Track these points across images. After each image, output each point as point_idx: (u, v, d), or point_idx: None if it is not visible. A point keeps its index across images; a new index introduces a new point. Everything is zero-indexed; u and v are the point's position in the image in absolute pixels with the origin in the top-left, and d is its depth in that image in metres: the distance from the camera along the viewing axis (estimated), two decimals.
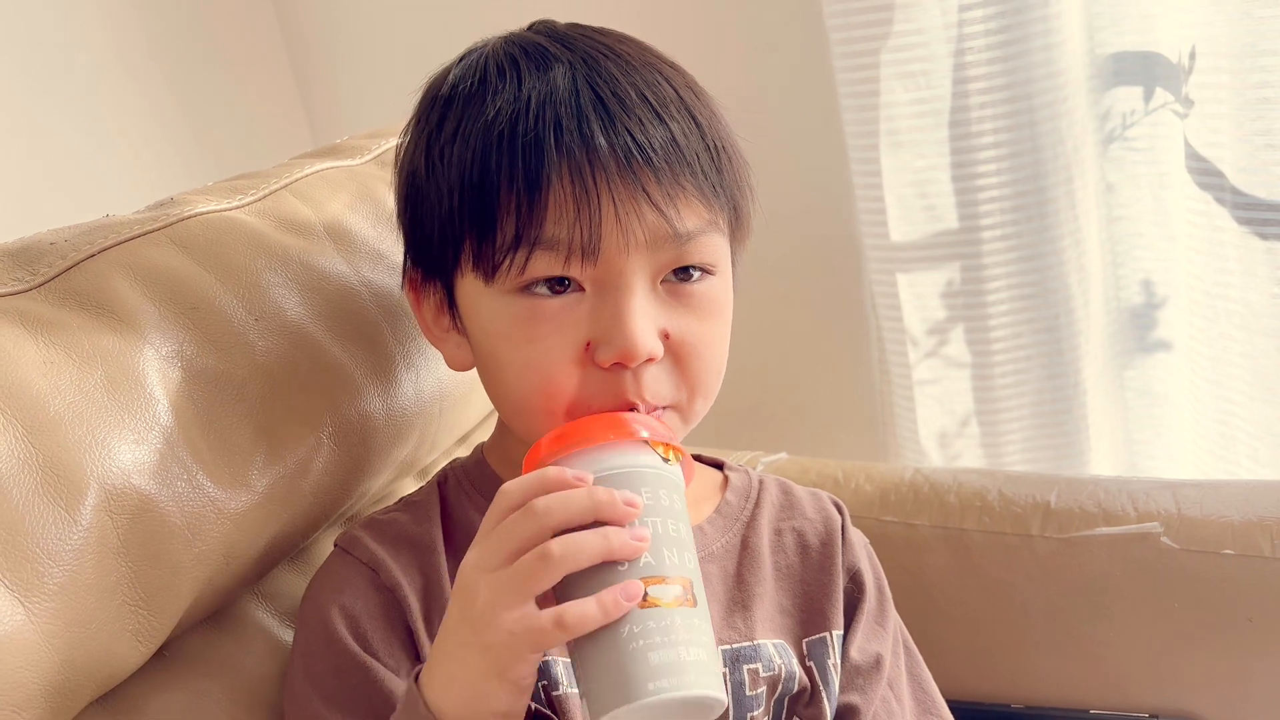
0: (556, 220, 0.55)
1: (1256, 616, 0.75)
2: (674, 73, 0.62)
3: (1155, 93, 1.09)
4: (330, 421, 0.65)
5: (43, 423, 0.53)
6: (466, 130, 0.58)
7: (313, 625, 0.61)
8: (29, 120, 1.22)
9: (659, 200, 0.56)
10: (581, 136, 0.55)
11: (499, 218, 0.56)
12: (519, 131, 0.56)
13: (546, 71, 0.58)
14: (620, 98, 0.57)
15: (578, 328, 0.57)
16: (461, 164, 0.58)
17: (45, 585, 0.50)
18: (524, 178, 0.55)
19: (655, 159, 0.56)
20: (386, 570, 0.61)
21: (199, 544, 0.57)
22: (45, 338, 0.56)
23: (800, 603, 0.66)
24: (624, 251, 0.56)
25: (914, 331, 1.21)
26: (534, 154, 0.55)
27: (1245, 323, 1.06)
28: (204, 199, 0.69)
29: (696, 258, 0.59)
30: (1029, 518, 0.84)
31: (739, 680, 0.62)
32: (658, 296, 0.58)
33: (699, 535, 0.65)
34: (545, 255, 0.56)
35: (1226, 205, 1.04)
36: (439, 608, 0.60)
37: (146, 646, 0.56)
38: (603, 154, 0.55)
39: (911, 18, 1.10)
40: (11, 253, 0.62)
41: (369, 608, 0.60)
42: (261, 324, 0.63)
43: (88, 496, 0.53)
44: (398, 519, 0.65)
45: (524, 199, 0.55)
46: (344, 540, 0.64)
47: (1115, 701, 0.79)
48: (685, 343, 0.59)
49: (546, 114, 0.56)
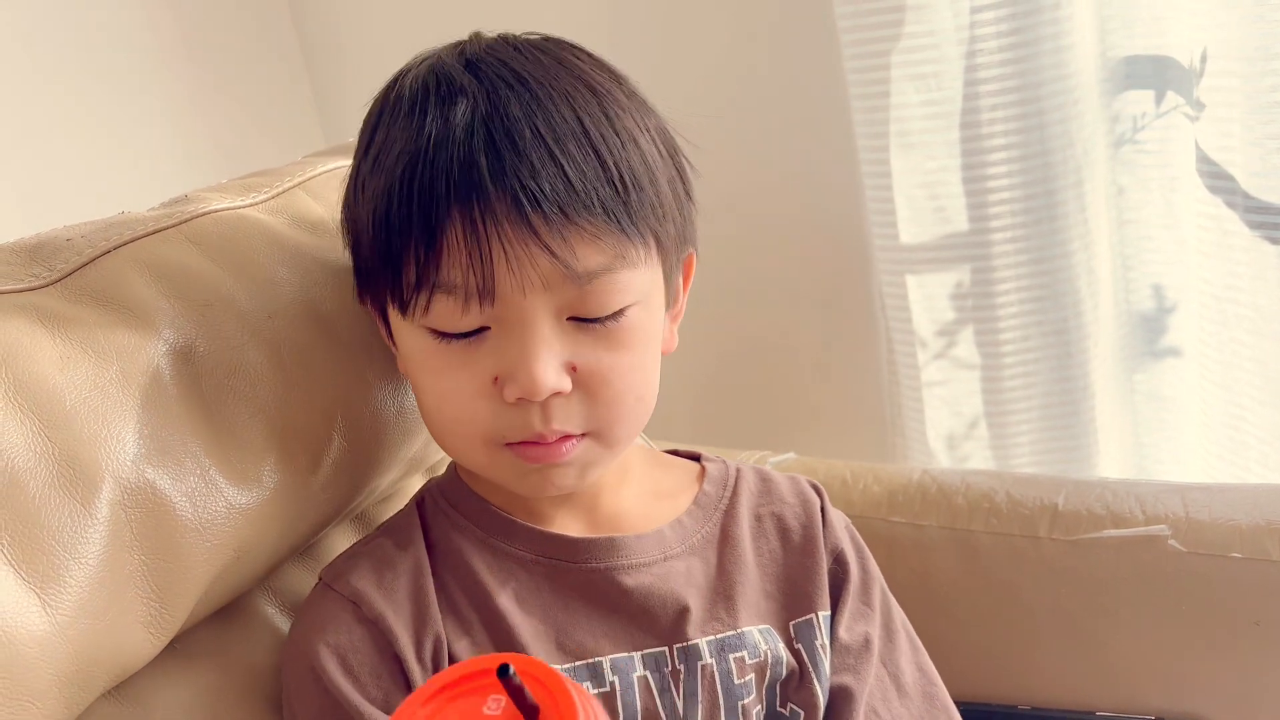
0: (451, 265, 0.56)
1: (1264, 620, 0.75)
2: (588, 98, 0.60)
3: (1166, 96, 1.09)
4: (342, 418, 0.65)
5: (59, 417, 0.53)
6: (378, 169, 0.59)
7: (301, 668, 0.60)
8: (44, 116, 1.23)
9: (551, 243, 0.56)
10: (470, 183, 0.55)
11: (404, 258, 0.57)
12: (417, 175, 0.56)
13: (450, 107, 0.57)
14: (513, 138, 0.56)
15: (484, 364, 0.58)
16: (373, 201, 0.59)
17: (61, 577, 0.51)
18: (420, 224, 0.56)
19: (544, 203, 0.55)
20: (369, 603, 0.60)
21: (211, 539, 0.58)
22: (61, 333, 0.56)
23: (784, 587, 0.66)
24: (521, 293, 0.56)
25: (923, 333, 1.21)
26: (429, 202, 0.56)
27: (1256, 327, 1.06)
28: (218, 196, 0.70)
29: (599, 302, 0.58)
30: (1037, 520, 0.84)
31: (726, 670, 0.62)
32: (563, 331, 0.58)
33: (678, 529, 0.65)
34: (444, 299, 0.57)
35: (1237, 209, 1.04)
36: (430, 631, 0.60)
37: (158, 639, 0.57)
38: (491, 199, 0.55)
39: (923, 19, 1.10)
40: (28, 248, 0.62)
41: (354, 642, 0.60)
42: (275, 321, 0.64)
43: (103, 490, 0.53)
44: (381, 545, 0.64)
45: (421, 244, 0.56)
46: (327, 575, 0.64)
47: (1121, 704, 0.79)
48: (594, 373, 0.59)
49: (440, 159, 0.56)
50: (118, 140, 1.30)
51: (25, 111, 1.20)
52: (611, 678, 0.61)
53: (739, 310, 1.33)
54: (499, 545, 0.63)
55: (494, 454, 0.60)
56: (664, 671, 0.62)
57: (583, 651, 0.61)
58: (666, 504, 0.67)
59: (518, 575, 0.62)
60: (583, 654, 0.61)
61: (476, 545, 0.63)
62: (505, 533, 0.64)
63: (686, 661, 0.62)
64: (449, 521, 0.65)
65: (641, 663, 0.62)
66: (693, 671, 0.62)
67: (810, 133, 1.25)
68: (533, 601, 0.62)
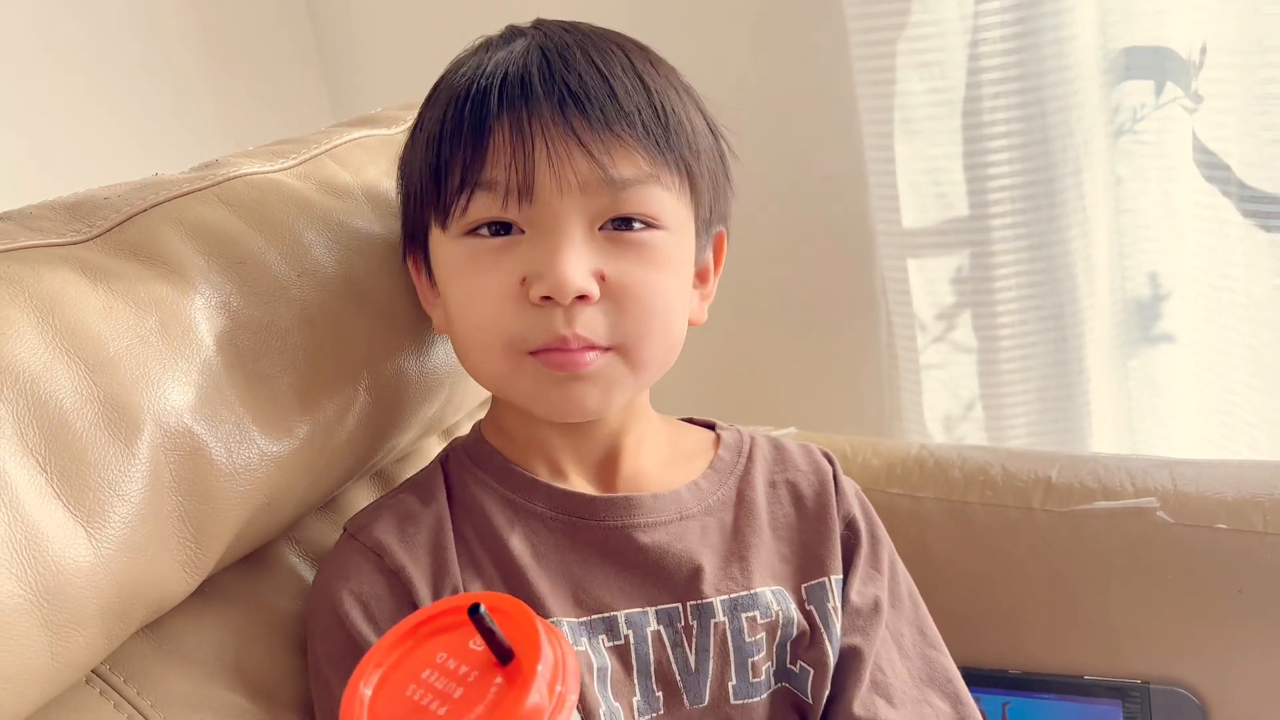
0: (495, 164, 0.59)
1: (1247, 588, 0.78)
2: (636, 51, 0.64)
3: (1165, 87, 1.12)
4: (367, 375, 0.68)
5: (103, 362, 0.56)
6: (436, 100, 0.64)
7: (326, 612, 0.63)
8: (56, 91, 1.24)
9: (591, 145, 0.59)
10: (521, 86, 0.59)
11: (451, 166, 0.61)
12: (471, 91, 0.61)
13: (511, 43, 0.63)
14: (566, 59, 0.60)
15: (515, 265, 0.60)
16: (428, 128, 0.63)
17: (105, 513, 0.54)
18: (470, 127, 0.60)
19: (589, 107, 0.59)
20: (391, 555, 0.63)
21: (243, 484, 0.60)
22: (104, 285, 0.59)
23: (797, 550, 0.68)
24: (558, 194, 0.59)
25: (923, 316, 1.24)
26: (479, 106, 0.60)
27: (1249, 314, 1.09)
28: (248, 161, 0.72)
29: (633, 207, 0.61)
30: (1030, 492, 0.87)
31: (738, 628, 0.64)
32: (595, 241, 0.61)
33: (694, 490, 0.68)
34: (485, 196, 0.60)
35: (1233, 199, 1.07)
36: (448, 583, 0.62)
37: (192, 578, 0.59)
38: (538, 101, 0.59)
39: (929, 9, 1.13)
40: (67, 206, 0.65)
41: (377, 591, 0.62)
42: (304, 279, 0.66)
43: (144, 433, 0.56)
44: (404, 499, 0.67)
45: (469, 146, 0.60)
46: (351, 526, 0.66)
47: (1109, 668, 0.82)
48: (623, 285, 0.61)
49: (497, 73, 0.60)
50: (128, 115, 1.32)
51: (38, 86, 1.22)
52: (626, 631, 0.63)
53: (741, 289, 1.35)
54: (519, 502, 0.66)
55: (517, 362, 0.61)
56: (677, 627, 0.64)
57: (599, 606, 0.63)
58: (683, 467, 0.70)
59: (537, 531, 0.65)
60: (599, 608, 0.63)
61: (498, 502, 0.66)
62: (526, 490, 0.66)
63: (700, 618, 0.64)
64: (472, 478, 0.67)
65: (655, 618, 0.64)
66: (705, 628, 0.64)
67: (816, 118, 1.28)
68: (551, 557, 0.64)
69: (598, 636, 0.63)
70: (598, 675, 0.62)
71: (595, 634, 0.63)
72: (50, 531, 0.51)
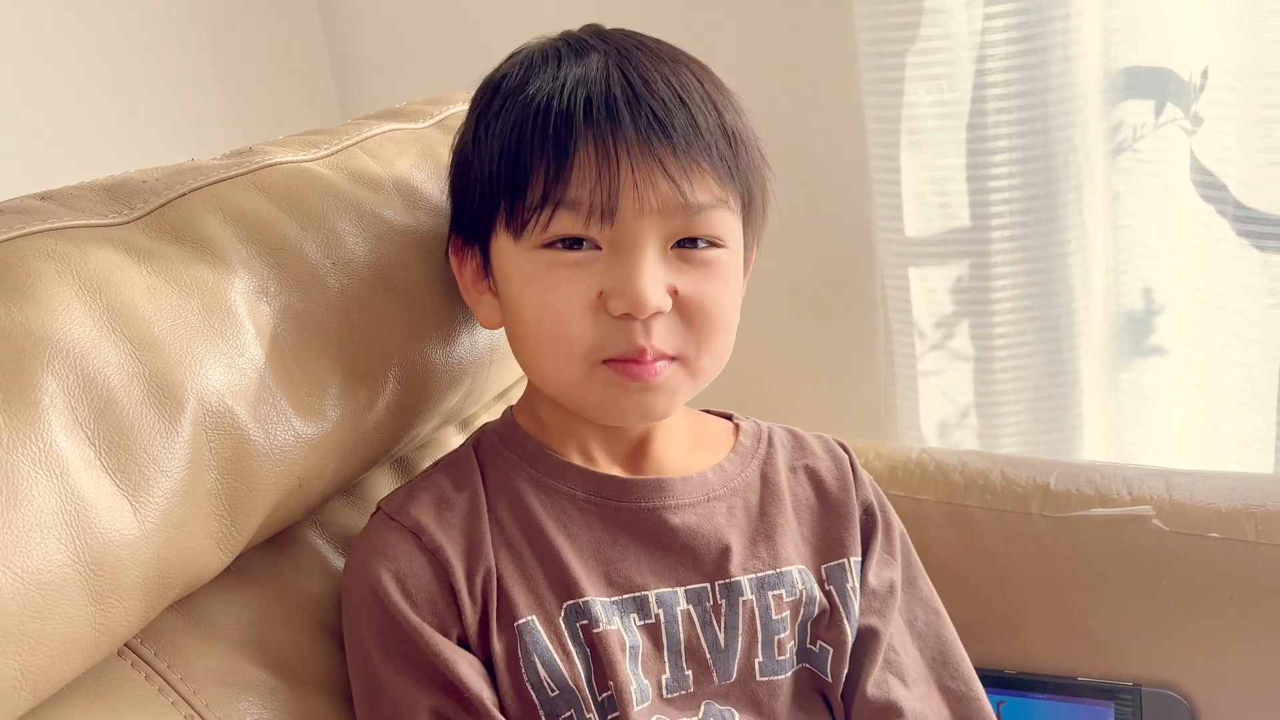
0: (579, 184, 0.61)
1: (1238, 595, 0.80)
2: (702, 71, 0.68)
3: (1165, 108, 1.14)
4: (397, 363, 0.69)
5: (148, 341, 0.57)
6: (509, 108, 0.64)
7: (363, 588, 0.64)
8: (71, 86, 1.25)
9: (673, 172, 0.62)
10: (608, 111, 0.61)
11: (530, 181, 0.62)
12: (553, 107, 0.62)
13: (584, 58, 0.64)
14: (647, 81, 0.63)
15: (592, 280, 0.63)
16: (502, 135, 0.64)
17: (149, 488, 0.55)
18: (554, 146, 0.61)
19: (674, 135, 0.62)
20: (429, 534, 0.65)
21: (278, 464, 0.62)
22: (147, 265, 0.60)
23: (818, 532, 0.71)
24: (639, 216, 0.62)
25: (922, 324, 1.26)
26: (564, 125, 0.62)
27: (1240, 331, 1.12)
28: (281, 150, 0.74)
29: (704, 230, 0.65)
30: (1029, 497, 0.89)
31: (765, 605, 0.67)
32: (667, 259, 0.64)
33: (719, 473, 0.70)
34: (567, 215, 0.62)
35: (1228, 218, 1.10)
36: (482, 564, 0.64)
37: (225, 555, 0.61)
38: (625, 127, 0.61)
39: (939, 24, 1.15)
40: (107, 188, 0.66)
41: (414, 569, 0.64)
42: (338, 268, 0.68)
43: (187, 411, 0.57)
44: (439, 481, 0.68)
45: (552, 164, 0.61)
46: (388, 506, 0.67)
47: (1102, 671, 0.85)
48: (692, 299, 0.64)
49: (579, 92, 0.62)
50: (139, 110, 1.32)
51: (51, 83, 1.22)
52: (657, 610, 0.65)
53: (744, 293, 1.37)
54: (553, 485, 0.68)
55: (591, 371, 0.64)
56: (705, 606, 0.66)
57: (630, 585, 0.66)
58: (707, 454, 0.72)
59: (570, 513, 0.67)
60: (630, 588, 0.66)
61: (532, 485, 0.68)
62: (559, 473, 0.68)
63: (728, 597, 0.67)
64: (505, 461, 0.69)
65: (685, 597, 0.66)
66: (734, 606, 0.67)
67: (824, 127, 1.30)
68: (584, 537, 0.66)
69: (629, 615, 0.65)
70: (629, 653, 0.64)
71: (627, 613, 0.65)
72: (98, 504, 0.53)
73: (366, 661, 0.63)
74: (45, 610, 0.50)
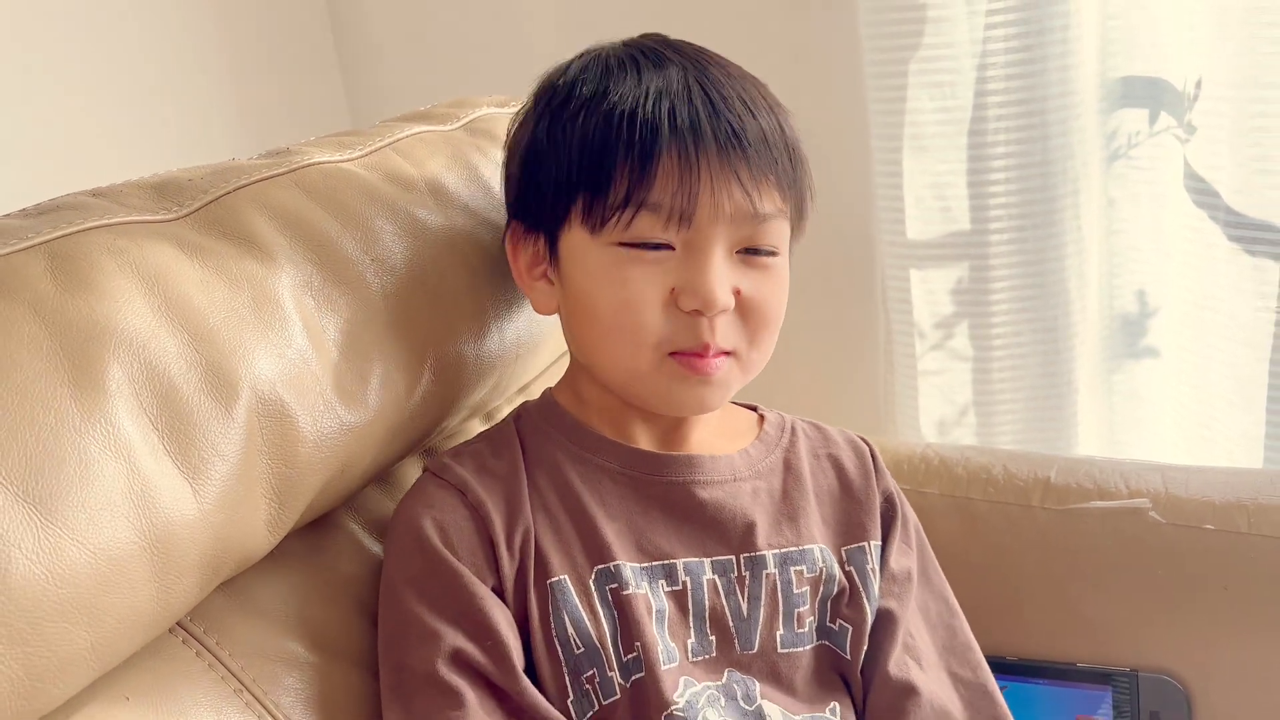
0: (662, 189, 0.66)
1: (1231, 585, 0.84)
2: (762, 85, 0.73)
3: (1160, 116, 1.18)
4: (433, 356, 0.72)
5: (204, 332, 0.60)
6: (591, 110, 0.68)
7: (405, 534, 0.68)
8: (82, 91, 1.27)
9: (747, 183, 0.67)
10: (691, 123, 0.66)
11: (613, 181, 0.66)
12: (638, 114, 0.66)
13: (663, 69, 0.69)
14: (724, 96, 0.68)
15: (665, 277, 0.67)
16: (584, 136, 0.68)
17: (207, 471, 0.58)
18: (639, 150, 0.66)
19: (749, 150, 0.67)
20: (473, 491, 0.69)
21: (324, 451, 0.65)
22: (198, 260, 0.63)
23: (840, 516, 0.76)
24: (713, 221, 0.67)
25: (922, 324, 1.29)
26: (649, 132, 0.66)
27: (1230, 334, 1.15)
28: (317, 150, 0.76)
29: (766, 239, 0.70)
30: (1030, 490, 0.92)
31: (786, 579, 0.71)
32: (732, 261, 0.69)
33: (745, 457, 0.74)
34: (648, 216, 0.66)
35: (1220, 224, 1.13)
36: (520, 524, 0.68)
37: (273, 538, 0.64)
38: (707, 138, 0.66)
39: (942, 32, 1.18)
40: (154, 186, 0.69)
41: (457, 521, 0.68)
42: (376, 264, 0.71)
43: (241, 399, 0.60)
44: (480, 450, 0.73)
45: (637, 167, 0.66)
46: (434, 466, 0.72)
47: (1100, 657, 0.88)
48: (752, 299, 0.69)
49: (664, 102, 0.67)
50: (150, 114, 1.34)
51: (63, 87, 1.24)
52: (684, 578, 0.69)
53: None
54: (589, 458, 0.72)
55: (659, 361, 0.68)
56: (730, 577, 0.70)
57: (659, 553, 0.69)
58: (733, 440, 0.76)
59: (604, 484, 0.71)
60: (659, 555, 0.69)
61: (569, 456, 0.72)
62: (595, 447, 0.72)
63: (752, 569, 0.71)
64: (543, 435, 0.73)
65: (710, 567, 0.70)
66: (757, 578, 0.70)
67: (828, 132, 1.32)
68: (617, 507, 0.70)
69: (657, 581, 0.69)
70: (655, 616, 0.68)
71: (655, 579, 0.69)
72: (162, 485, 0.55)
73: (398, 602, 0.66)
74: (113, 585, 0.53)
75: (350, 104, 1.65)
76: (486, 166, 0.83)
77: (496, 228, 0.79)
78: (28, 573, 0.50)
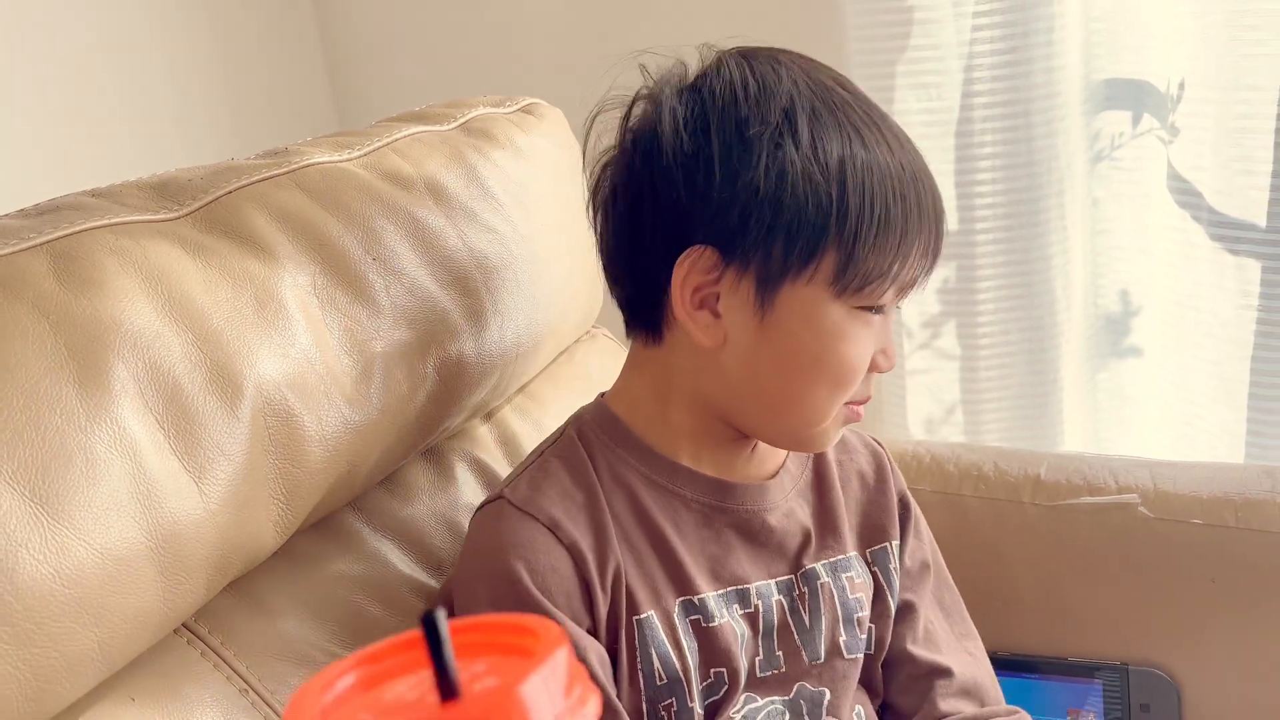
0: (912, 268, 0.68)
1: (1219, 578, 0.85)
2: None
3: (1143, 118, 1.20)
4: (435, 355, 0.72)
5: (208, 332, 0.60)
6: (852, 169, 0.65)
7: (495, 575, 0.66)
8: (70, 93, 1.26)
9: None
10: (934, 205, 0.68)
11: (871, 253, 0.65)
12: (895, 193, 0.66)
13: (877, 136, 0.67)
14: (929, 173, 0.69)
15: (875, 339, 0.69)
16: (864, 196, 0.65)
17: (213, 470, 0.58)
18: (900, 230, 0.66)
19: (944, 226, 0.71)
20: (565, 530, 0.66)
21: (329, 450, 0.65)
22: (201, 260, 0.63)
23: (864, 521, 0.77)
24: (914, 292, 0.71)
25: (910, 324, 1.31)
26: (907, 206, 0.66)
27: (1212, 331, 1.17)
28: (316, 150, 0.76)
29: None
30: (1021, 487, 0.94)
31: (841, 587, 0.74)
32: None
33: (787, 475, 0.75)
34: (894, 290, 0.68)
35: (1202, 223, 1.15)
36: (611, 559, 0.67)
37: (280, 537, 0.64)
38: (941, 221, 0.69)
39: (929, 33, 1.20)
40: (154, 186, 0.69)
41: (552, 563, 0.66)
42: (378, 264, 0.71)
43: (246, 399, 0.60)
44: (558, 473, 0.69)
45: (900, 242, 0.66)
46: (515, 497, 0.68)
47: (1091, 651, 0.89)
48: None
49: (905, 177, 0.66)
50: (137, 118, 1.34)
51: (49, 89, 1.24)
52: (756, 600, 0.71)
53: None
54: (664, 485, 0.70)
55: (839, 410, 0.70)
56: (792, 595, 0.72)
57: (734, 579, 0.71)
58: (772, 457, 0.76)
59: (680, 512, 0.70)
60: (734, 580, 0.71)
61: (644, 483, 0.70)
62: (669, 473, 0.71)
63: (808, 584, 0.73)
64: (614, 455, 0.71)
65: (777, 588, 0.72)
66: (814, 592, 0.73)
67: None
68: (694, 536, 0.70)
69: (733, 606, 0.70)
70: (740, 642, 0.69)
71: (730, 604, 0.70)
72: (168, 484, 0.55)
73: None
74: (120, 585, 0.53)
75: (337, 105, 1.65)
76: (484, 166, 0.83)
77: (494, 227, 0.79)
78: (34, 573, 0.50)
